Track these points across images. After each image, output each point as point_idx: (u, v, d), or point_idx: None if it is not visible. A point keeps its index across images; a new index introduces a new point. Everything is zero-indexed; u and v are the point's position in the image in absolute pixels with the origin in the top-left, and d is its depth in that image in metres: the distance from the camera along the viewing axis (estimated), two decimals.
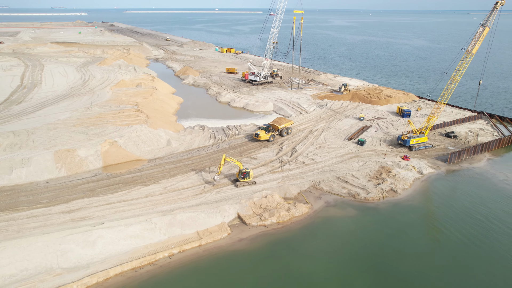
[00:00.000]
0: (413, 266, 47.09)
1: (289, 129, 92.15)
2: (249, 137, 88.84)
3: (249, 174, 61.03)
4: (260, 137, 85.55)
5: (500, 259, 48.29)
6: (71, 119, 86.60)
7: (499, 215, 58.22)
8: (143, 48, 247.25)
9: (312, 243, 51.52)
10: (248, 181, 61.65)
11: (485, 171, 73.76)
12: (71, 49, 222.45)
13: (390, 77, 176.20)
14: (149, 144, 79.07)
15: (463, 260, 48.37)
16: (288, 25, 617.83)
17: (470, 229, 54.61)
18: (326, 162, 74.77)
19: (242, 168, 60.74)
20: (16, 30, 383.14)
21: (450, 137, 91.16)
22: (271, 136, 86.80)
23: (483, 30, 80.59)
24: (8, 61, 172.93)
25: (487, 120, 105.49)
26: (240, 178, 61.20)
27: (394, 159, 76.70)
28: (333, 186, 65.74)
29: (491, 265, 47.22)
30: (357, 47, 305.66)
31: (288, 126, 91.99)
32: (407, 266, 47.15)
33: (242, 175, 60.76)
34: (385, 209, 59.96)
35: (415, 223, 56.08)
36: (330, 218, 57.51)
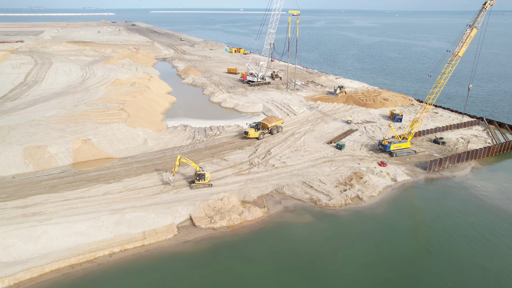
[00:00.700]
0: (352, 278, 45.12)
1: (279, 128, 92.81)
2: (228, 138, 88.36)
3: (205, 176, 60.53)
4: (250, 135, 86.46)
5: (448, 278, 45.53)
6: (56, 116, 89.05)
7: (462, 228, 54.82)
8: (153, 48, 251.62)
9: (257, 248, 50.41)
10: (204, 183, 61.13)
11: (465, 181, 69.91)
12: (84, 48, 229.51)
13: (397, 79, 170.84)
14: (124, 142, 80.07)
15: (407, 275, 45.93)
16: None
17: (425, 243, 51.82)
18: (296, 166, 73.15)
19: (198, 170, 60.33)
20: (42, 30, 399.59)
21: (438, 143, 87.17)
22: (260, 134, 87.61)
23: (471, 32, 76.59)
24: (21, 59, 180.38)
25: (484, 127, 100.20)
26: (195, 180, 60.80)
27: (369, 165, 74.04)
28: (296, 190, 64.17)
29: (437, 282, 44.57)
30: (371, 48, 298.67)
31: (279, 125, 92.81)
32: (346, 278, 45.22)
33: (198, 177, 60.33)
34: (344, 216, 57.89)
35: (370, 233, 53.74)
36: (284, 223, 56.12)
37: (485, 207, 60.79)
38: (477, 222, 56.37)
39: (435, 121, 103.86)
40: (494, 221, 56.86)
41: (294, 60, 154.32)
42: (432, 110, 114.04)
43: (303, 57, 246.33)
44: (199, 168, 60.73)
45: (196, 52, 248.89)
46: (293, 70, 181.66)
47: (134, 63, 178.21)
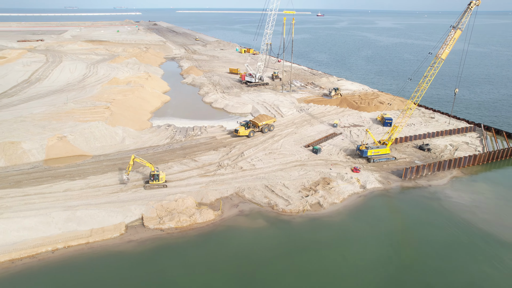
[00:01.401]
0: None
1: (270, 126, 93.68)
2: (207, 139, 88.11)
3: (159, 177, 60.49)
4: (239, 133, 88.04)
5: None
6: (43, 113, 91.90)
7: (421, 242, 51.96)
8: (164, 47, 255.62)
9: (198, 252, 49.76)
10: (158, 183, 61.10)
11: (440, 191, 66.33)
12: (97, 46, 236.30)
13: (404, 82, 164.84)
14: (101, 140, 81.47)
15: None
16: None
17: (374, 256, 49.24)
18: (265, 169, 71.88)
19: (152, 170, 60.41)
20: (67, 29, 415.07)
21: (423, 150, 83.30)
22: (250, 132, 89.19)
23: (454, 33, 72.73)
24: (35, 57, 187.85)
25: (480, 133, 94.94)
26: (149, 180, 60.90)
27: (341, 171, 71.71)
28: (256, 194, 63.01)
29: None
30: (387, 50, 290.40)
31: (270, 124, 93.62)
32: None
33: (152, 177, 60.39)
34: (298, 223, 56.24)
35: (319, 242, 51.80)
36: (234, 227, 55.19)
37: (454, 220, 57.32)
38: (440, 237, 53.21)
39: (429, 126, 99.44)
40: (459, 236, 53.50)
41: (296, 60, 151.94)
42: (429, 115, 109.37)
43: (313, 58, 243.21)
44: (154, 168, 60.78)
45: (206, 52, 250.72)
46: (297, 71, 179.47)
47: (140, 62, 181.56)
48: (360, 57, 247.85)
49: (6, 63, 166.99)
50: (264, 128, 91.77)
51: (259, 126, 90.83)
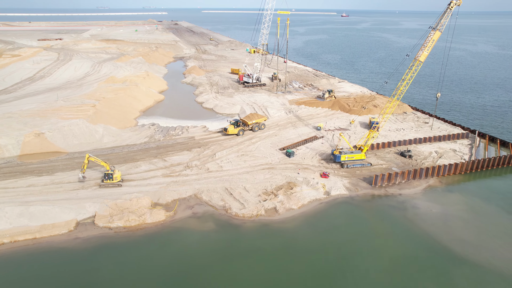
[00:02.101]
0: None
1: (261, 125, 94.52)
2: (185, 139, 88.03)
3: (113, 176, 60.81)
4: (228, 132, 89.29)
5: None
6: (31, 110, 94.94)
7: (369, 255, 49.41)
8: (175, 47, 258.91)
9: (138, 252, 49.55)
10: (113, 183, 61.46)
11: (409, 200, 63.11)
12: (110, 45, 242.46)
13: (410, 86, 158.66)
14: (79, 138, 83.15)
15: None
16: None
17: (310, 267, 47.22)
18: (231, 171, 70.95)
19: (107, 170, 60.84)
20: (90, 28, 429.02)
21: (405, 157, 79.72)
22: (239, 130, 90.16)
23: (433, 35, 69.15)
24: (48, 55, 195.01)
25: (472, 140, 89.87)
26: (103, 179, 61.37)
27: (309, 175, 69.72)
28: (213, 197, 62.23)
29: None
30: (401, 52, 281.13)
31: (260, 122, 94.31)
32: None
33: (106, 177, 60.81)
34: (248, 228, 55.03)
35: (262, 249, 50.27)
36: (181, 230, 54.67)
37: (415, 232, 54.32)
38: (391, 250, 50.64)
39: (419, 132, 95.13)
40: (413, 250, 50.65)
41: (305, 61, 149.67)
42: (424, 120, 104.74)
43: (323, 59, 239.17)
44: (109, 168, 61.21)
45: (216, 52, 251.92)
46: (301, 72, 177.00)
47: (146, 61, 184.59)
48: (372, 59, 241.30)
49: (19, 60, 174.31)
50: (255, 127, 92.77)
51: (249, 125, 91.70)
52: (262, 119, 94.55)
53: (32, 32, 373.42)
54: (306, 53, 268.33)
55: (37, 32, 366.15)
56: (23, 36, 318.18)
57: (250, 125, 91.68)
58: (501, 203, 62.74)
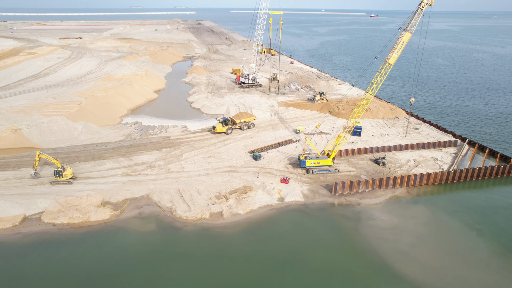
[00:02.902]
0: None
1: (250, 124, 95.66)
2: (161, 138, 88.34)
3: (63, 174, 61.74)
4: (217, 130, 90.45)
5: None
6: (20, 106, 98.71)
7: (294, 268, 47.27)
8: (188, 46, 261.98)
9: (70, 250, 49.87)
10: (64, 180, 62.40)
11: (366, 211, 59.93)
12: (124, 44, 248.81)
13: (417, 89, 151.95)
14: (57, 134, 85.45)
15: None
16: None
17: (235, 276, 45.73)
18: (192, 173, 70.39)
19: (58, 167, 61.85)
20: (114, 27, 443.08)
21: (378, 164, 76.11)
22: (228, 129, 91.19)
23: (403, 36, 65.48)
24: (62, 53, 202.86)
25: (458, 149, 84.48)
26: (54, 176, 62.43)
27: (269, 180, 67.92)
28: (164, 198, 61.89)
29: None
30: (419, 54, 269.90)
31: (249, 121, 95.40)
32: None
33: (56, 174, 61.85)
34: (186, 231, 54.15)
35: (188, 255, 49.07)
36: (121, 229, 54.62)
37: (360, 246, 51.32)
38: (327, 263, 48.13)
39: (405, 138, 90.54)
40: (350, 265, 47.95)
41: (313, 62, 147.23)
42: (414, 126, 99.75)
43: (333, 61, 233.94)
44: (60, 165, 62.23)
45: (227, 51, 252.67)
46: (304, 73, 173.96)
47: (152, 61, 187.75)
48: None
49: (32, 58, 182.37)
50: (243, 126, 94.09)
51: (237, 124, 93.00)
52: (251, 118, 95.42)
53: (60, 31, 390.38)
54: (319, 54, 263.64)
55: (64, 31, 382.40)
56: (49, 34, 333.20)
57: (239, 124, 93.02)
58: (467, 218, 58.36)
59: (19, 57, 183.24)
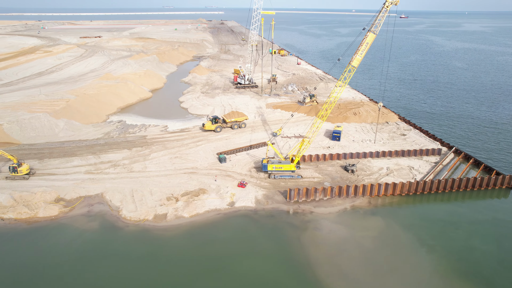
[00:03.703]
0: None
1: (241, 124, 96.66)
2: (137, 138, 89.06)
3: (17, 170, 63.30)
4: (205, 127, 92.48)
5: None
6: (11, 102, 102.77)
7: (210, 277, 45.94)
8: (200, 46, 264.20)
9: (7, 246, 51.13)
10: (19, 175, 63.96)
11: (316, 220, 57.42)
12: (137, 43, 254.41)
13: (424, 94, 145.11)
14: (38, 131, 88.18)
15: None
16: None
17: (150, 279, 45.14)
18: (152, 173, 70.38)
19: (14, 163, 63.47)
20: (135, 26, 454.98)
21: (347, 171, 72.98)
22: (217, 127, 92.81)
23: (367, 37, 62.32)
24: (75, 52, 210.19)
25: (441, 158, 79.54)
26: (9, 172, 64.08)
27: (225, 183, 66.72)
28: (115, 197, 62.15)
29: None
30: (437, 56, 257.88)
31: (240, 121, 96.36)
32: None
33: (11, 169, 63.48)
34: (126, 232, 54.02)
35: (118, 256, 48.94)
36: (63, 226, 55.29)
37: (296, 258, 48.74)
38: (252, 275, 46.53)
39: (388, 144, 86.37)
40: (277, 279, 46.10)
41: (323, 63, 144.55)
42: (403, 131, 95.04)
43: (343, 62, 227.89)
44: (16, 161, 63.89)
45: (238, 52, 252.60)
46: (308, 74, 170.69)
47: (159, 60, 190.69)
48: (396, 63, 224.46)
49: (46, 56, 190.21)
50: (234, 125, 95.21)
51: (227, 123, 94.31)
52: (243, 118, 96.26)
53: (85, 30, 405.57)
54: (331, 56, 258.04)
55: (90, 30, 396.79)
56: (73, 33, 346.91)
57: (229, 123, 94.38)
58: (423, 232, 54.60)
59: (34, 55, 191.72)
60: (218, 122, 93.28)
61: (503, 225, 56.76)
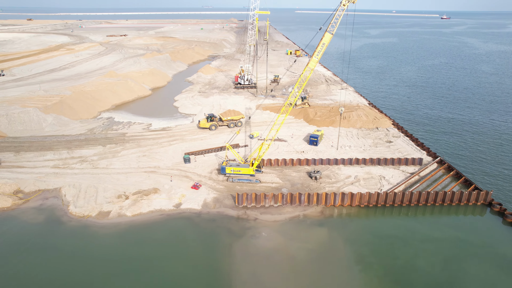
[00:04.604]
0: None
1: (237, 122, 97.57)
2: (117, 134, 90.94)
3: None
4: (200, 125, 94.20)
5: None
6: (10, 97, 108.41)
7: (108, 280, 45.43)
8: (218, 45, 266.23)
9: None
10: None
11: (255, 228, 55.22)
12: (157, 42, 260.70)
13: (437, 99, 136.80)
14: (26, 125, 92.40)
15: None
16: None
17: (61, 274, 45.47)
18: (114, 170, 71.28)
19: None
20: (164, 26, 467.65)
21: (311, 178, 69.95)
22: (212, 125, 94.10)
23: (324, 38, 59.29)
24: (95, 50, 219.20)
25: (419, 168, 74.17)
26: None
27: (179, 184, 66.25)
28: (70, 192, 63.46)
29: None
30: (466, 60, 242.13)
31: (236, 119, 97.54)
32: None
33: None
34: (66, 226, 54.95)
35: (45, 249, 49.87)
36: (10, 218, 57.10)
37: (217, 265, 47.09)
38: (159, 279, 45.65)
39: (368, 151, 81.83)
40: (183, 282, 44.90)
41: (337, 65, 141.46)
42: (391, 138, 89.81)
43: (360, 64, 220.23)
44: None
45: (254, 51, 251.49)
46: (316, 76, 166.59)
47: (171, 59, 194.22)
48: (416, 67, 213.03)
49: (66, 54, 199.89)
50: (230, 123, 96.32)
51: (224, 121, 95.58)
52: (239, 116, 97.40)
53: (117, 28, 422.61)
54: (348, 57, 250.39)
55: (122, 29, 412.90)
56: (103, 32, 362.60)
57: (225, 121, 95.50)
58: (365, 248, 50.97)
59: (56, 53, 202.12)
60: (213, 120, 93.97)
61: (459, 246, 51.72)
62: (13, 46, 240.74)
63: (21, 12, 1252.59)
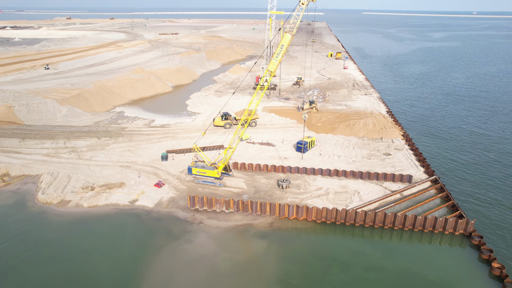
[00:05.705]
0: None
1: (252, 122, 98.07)
2: (118, 128, 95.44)
3: None
4: (215, 123, 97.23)
5: None
6: (39, 89, 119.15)
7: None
8: (259, 45, 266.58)
9: None
10: None
11: (195, 232, 53.91)
12: (202, 41, 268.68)
13: (473, 112, 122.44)
14: (42, 114, 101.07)
15: None
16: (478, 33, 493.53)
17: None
18: (95, 162, 74.61)
19: None
20: (219, 25, 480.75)
21: (279, 186, 66.55)
22: (226, 123, 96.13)
23: (283, 39, 55.98)
24: (140, 48, 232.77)
25: (406, 185, 66.56)
26: None
27: (144, 181, 67.35)
28: (46, 180, 67.61)
29: None
30: (504, 62, 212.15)
31: (252, 119, 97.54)
32: None
33: None
34: (27, 211, 58.79)
35: None
36: None
37: (135, 263, 47.15)
38: (69, 276, 46.57)
39: (354, 164, 75.71)
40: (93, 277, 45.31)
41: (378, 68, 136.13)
42: (389, 151, 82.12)
43: (402, 69, 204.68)
44: None
45: (294, 53, 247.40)
46: (345, 79, 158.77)
47: (207, 58, 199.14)
48: (466, 75, 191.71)
49: (113, 50, 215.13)
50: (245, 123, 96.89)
51: (238, 120, 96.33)
52: (254, 117, 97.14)
53: (176, 27, 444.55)
54: (392, 62, 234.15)
55: (181, 27, 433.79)
56: (159, 30, 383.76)
57: (239, 120, 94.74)
58: (296, 268, 46.94)
59: (104, 49, 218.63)
60: (228, 119, 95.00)
61: (405, 280, 45.23)
62: (75, 43, 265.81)
63: (107, 12, 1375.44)
